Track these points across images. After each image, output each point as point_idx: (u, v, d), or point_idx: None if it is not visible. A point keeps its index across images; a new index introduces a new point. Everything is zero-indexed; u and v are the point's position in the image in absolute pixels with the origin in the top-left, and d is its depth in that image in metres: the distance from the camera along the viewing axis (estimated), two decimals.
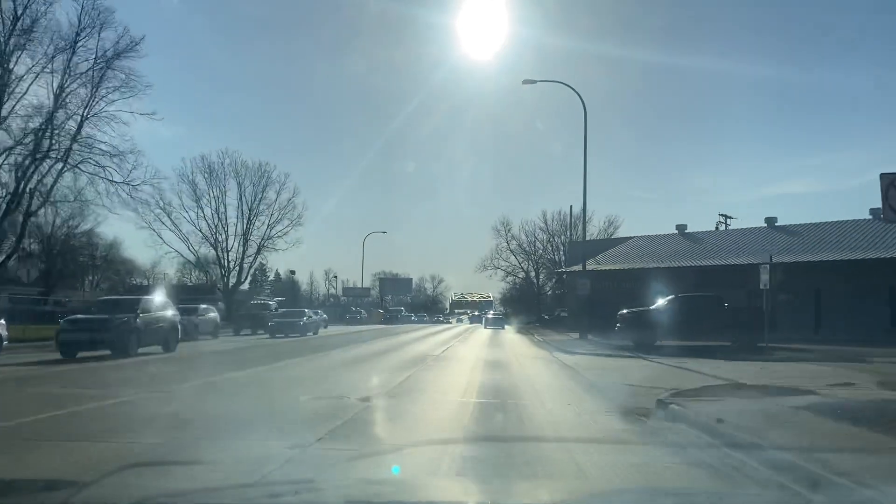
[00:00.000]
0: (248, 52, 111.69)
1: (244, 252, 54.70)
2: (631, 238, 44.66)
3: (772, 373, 13.92)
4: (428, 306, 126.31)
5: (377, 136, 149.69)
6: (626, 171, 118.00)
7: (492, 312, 76.70)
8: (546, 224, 70.63)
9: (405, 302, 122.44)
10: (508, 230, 73.19)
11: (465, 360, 19.07)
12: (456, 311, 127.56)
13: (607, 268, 38.34)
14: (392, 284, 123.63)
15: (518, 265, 74.35)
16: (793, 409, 8.48)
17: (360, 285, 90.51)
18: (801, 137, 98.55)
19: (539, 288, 73.86)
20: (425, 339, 31.92)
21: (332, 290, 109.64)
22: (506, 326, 58.93)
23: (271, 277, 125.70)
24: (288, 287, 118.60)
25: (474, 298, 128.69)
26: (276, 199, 56.08)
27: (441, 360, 19.31)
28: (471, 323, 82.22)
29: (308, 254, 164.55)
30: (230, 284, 53.46)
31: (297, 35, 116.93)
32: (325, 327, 44.36)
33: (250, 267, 55.57)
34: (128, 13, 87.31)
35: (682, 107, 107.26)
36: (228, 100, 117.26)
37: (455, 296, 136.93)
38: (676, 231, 42.81)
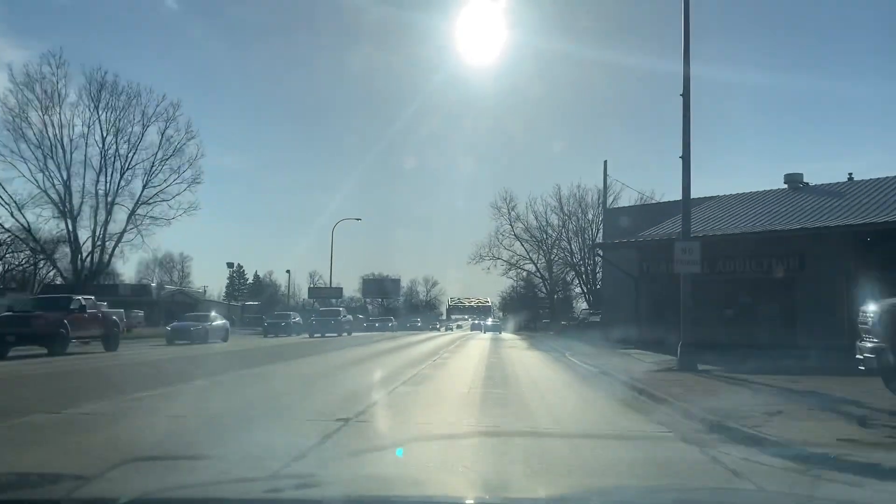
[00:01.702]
0: (244, 56, 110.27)
1: (106, 222, 35.91)
2: (712, 198, 28.44)
3: None
4: (420, 310, 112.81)
5: (376, 140, 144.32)
6: (623, 174, 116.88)
7: (490, 319, 74.43)
8: (560, 203, 54.35)
9: (394, 306, 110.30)
10: (512, 208, 56.87)
11: None
12: (452, 316, 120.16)
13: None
14: (377, 286, 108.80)
15: (525, 255, 57.75)
16: None
17: (338, 283, 75.71)
18: (799, 143, 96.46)
19: (552, 285, 57.27)
20: (338, 375, 13.70)
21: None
22: (503, 333, 56.00)
23: (250, 280, 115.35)
24: (270, 290, 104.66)
25: (471, 303, 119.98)
26: (159, 144, 38.57)
27: None
28: (471, 330, 73.36)
29: (302, 256, 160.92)
30: (84, 273, 35.52)
31: (297, 39, 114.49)
32: (226, 340, 28.18)
33: (115, 245, 37.75)
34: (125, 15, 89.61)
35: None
36: (225, 104, 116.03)
37: (451, 301, 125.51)
38: (786, 185, 26.63)
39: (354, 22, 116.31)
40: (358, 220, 67.64)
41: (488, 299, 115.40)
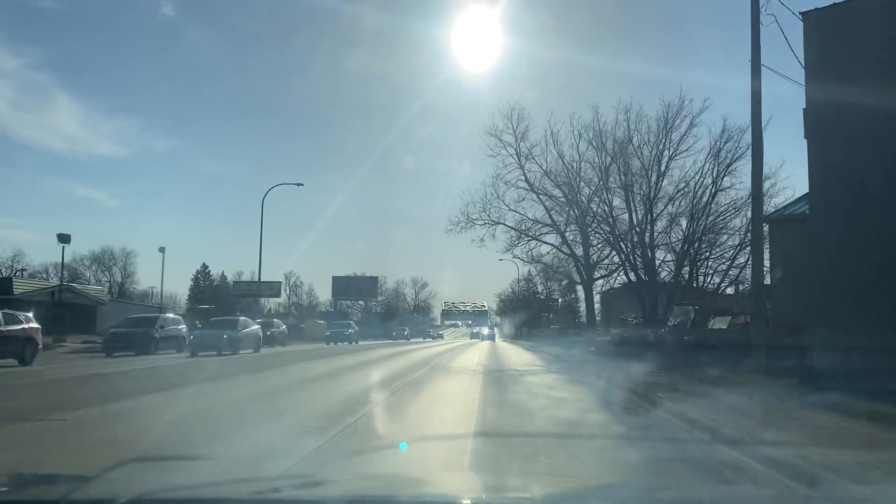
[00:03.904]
0: (242, 63, 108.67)
1: None
2: None
3: None
4: (410, 315, 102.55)
5: (372, 145, 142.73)
6: None
7: (486, 328, 74.76)
8: (599, 133, 32.85)
9: (392, 310, 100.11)
10: (522, 136, 33.87)
11: None
12: (446, 321, 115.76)
13: None
14: (349, 285, 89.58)
15: (547, 219, 34.34)
16: None
17: (311, 287, 56.47)
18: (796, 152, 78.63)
19: (589, 268, 35.34)
20: None
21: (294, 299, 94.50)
22: (498, 340, 57.23)
23: (216, 282, 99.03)
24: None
25: (467, 307, 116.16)
26: None
27: None
28: (470, 338, 66.78)
29: (296, 259, 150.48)
30: None
31: (294, 45, 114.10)
32: None
33: None
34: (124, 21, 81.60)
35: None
36: (224, 110, 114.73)
37: (446, 305, 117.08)
38: None
39: (351, 28, 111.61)
40: (300, 185, 47.13)
41: (484, 303, 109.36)
